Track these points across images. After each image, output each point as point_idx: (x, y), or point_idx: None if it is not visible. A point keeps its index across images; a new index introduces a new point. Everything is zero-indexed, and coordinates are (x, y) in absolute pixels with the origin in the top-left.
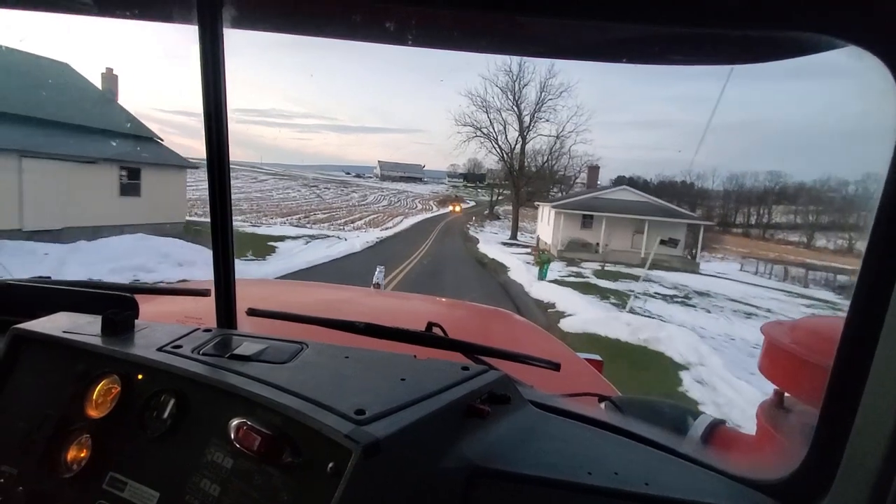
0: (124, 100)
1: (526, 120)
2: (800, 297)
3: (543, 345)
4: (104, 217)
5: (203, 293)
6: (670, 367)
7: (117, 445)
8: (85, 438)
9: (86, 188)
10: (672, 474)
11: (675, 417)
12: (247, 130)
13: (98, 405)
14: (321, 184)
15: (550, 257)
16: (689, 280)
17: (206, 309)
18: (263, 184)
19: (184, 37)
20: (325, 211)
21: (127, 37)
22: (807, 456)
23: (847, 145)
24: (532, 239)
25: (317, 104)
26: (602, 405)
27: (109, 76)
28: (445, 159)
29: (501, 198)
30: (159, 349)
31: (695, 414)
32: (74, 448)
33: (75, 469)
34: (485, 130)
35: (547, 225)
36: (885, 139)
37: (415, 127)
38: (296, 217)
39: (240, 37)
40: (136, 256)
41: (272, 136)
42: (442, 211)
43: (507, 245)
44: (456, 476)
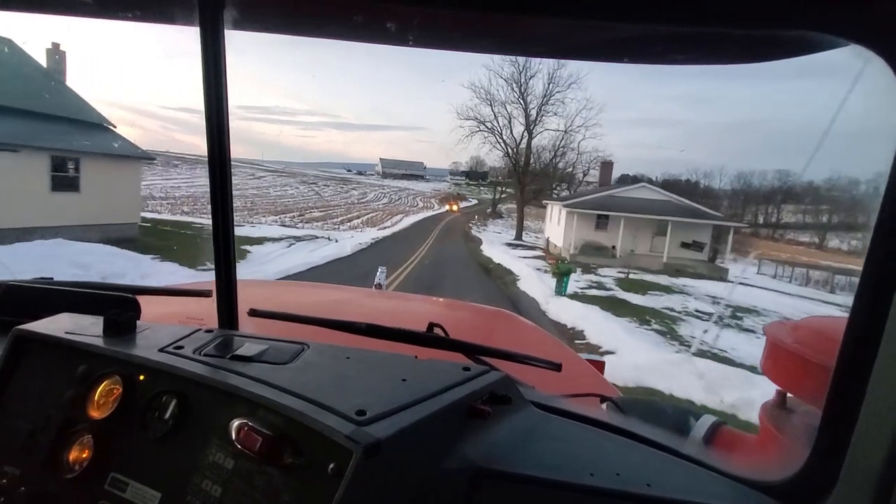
0: (81, 84)
1: (532, 113)
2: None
3: (544, 345)
4: (30, 217)
5: (204, 294)
6: None
7: (119, 446)
8: (87, 439)
9: (2, 180)
10: (674, 475)
11: (677, 418)
12: (249, 127)
13: (100, 406)
14: (320, 181)
15: (571, 267)
16: (722, 290)
17: (207, 310)
18: (261, 181)
19: (185, 34)
20: (322, 209)
21: (129, 33)
22: (809, 457)
23: (851, 145)
24: (537, 239)
25: (320, 102)
26: (604, 406)
27: (55, 52)
28: (448, 157)
29: (505, 196)
30: (161, 350)
31: (696, 415)
32: (76, 448)
33: (77, 469)
34: (489, 124)
35: (557, 226)
36: (888, 138)
37: (417, 125)
38: (290, 215)
39: (242, 34)
40: (42, 268)
41: (275, 133)
42: (444, 209)
43: (512, 247)
44: (457, 477)
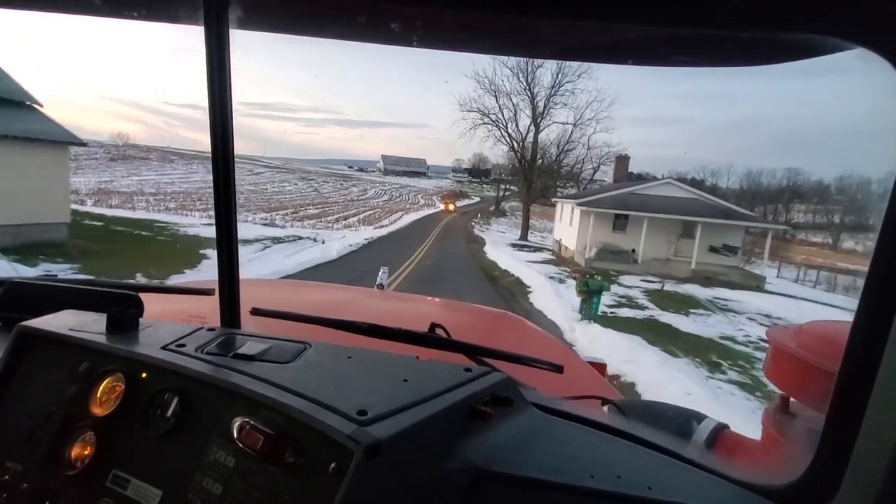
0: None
1: (539, 105)
2: None
3: (546, 347)
4: None
5: (207, 292)
6: None
7: (121, 443)
8: (89, 436)
9: None
10: (675, 479)
11: (679, 421)
12: (252, 124)
13: (102, 403)
14: (320, 177)
15: (604, 285)
16: (770, 305)
17: (210, 308)
18: (259, 177)
19: (188, 31)
20: (318, 206)
21: (132, 30)
22: (812, 461)
23: (856, 147)
24: (543, 239)
25: (323, 98)
26: (605, 408)
27: None
28: (450, 154)
29: (508, 193)
30: (163, 348)
31: (699, 418)
32: (78, 445)
33: (79, 466)
34: (493, 116)
35: (569, 226)
36: (893, 141)
37: (420, 122)
38: (282, 213)
39: (246, 32)
40: None
41: (277, 129)
42: (441, 207)
43: (517, 248)
44: (458, 478)
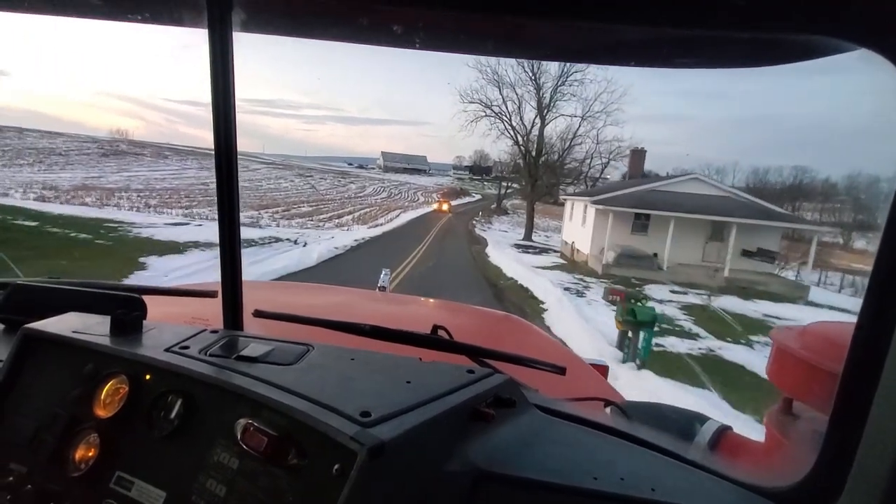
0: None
1: (546, 97)
2: None
3: (549, 349)
4: None
5: (210, 295)
6: None
7: (125, 445)
8: (93, 438)
9: None
10: (678, 480)
11: (682, 423)
12: (253, 121)
13: (106, 405)
14: (318, 174)
15: (656, 315)
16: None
17: (213, 310)
18: (255, 173)
19: (191, 29)
20: (313, 203)
21: (136, 28)
22: (815, 463)
23: (860, 148)
24: (548, 239)
25: (324, 95)
26: (608, 410)
27: None
28: (451, 151)
29: (510, 191)
30: (167, 350)
31: (702, 419)
32: (82, 447)
33: (83, 468)
34: (496, 108)
35: (581, 227)
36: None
37: (421, 119)
38: (272, 211)
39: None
40: None
41: (278, 126)
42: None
43: (522, 249)
44: (461, 480)
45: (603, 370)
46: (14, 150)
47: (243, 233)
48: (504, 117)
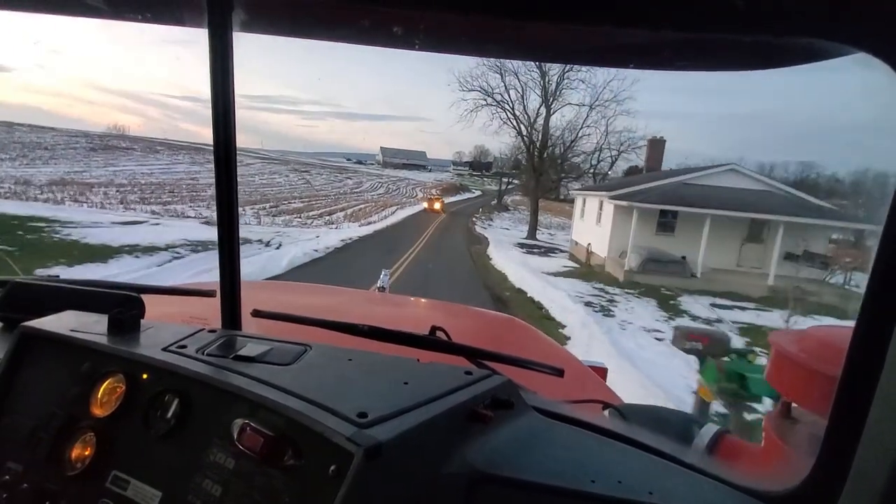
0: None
1: (552, 84)
2: None
3: (547, 351)
4: None
5: (209, 294)
6: None
7: (121, 444)
8: (89, 437)
9: None
10: (677, 483)
11: (680, 426)
12: (253, 116)
13: (103, 404)
14: (314, 169)
15: (773, 391)
16: None
17: (211, 310)
18: (248, 168)
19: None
20: (305, 199)
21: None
22: (814, 467)
23: (860, 153)
24: (552, 237)
25: (324, 91)
26: (606, 413)
27: None
28: (451, 147)
29: (511, 187)
30: (164, 349)
31: (700, 423)
32: (79, 446)
33: (79, 467)
34: (497, 96)
35: (596, 225)
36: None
37: (421, 116)
38: (258, 207)
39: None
40: None
41: (277, 122)
42: (445, 200)
43: (526, 250)
44: (458, 481)
45: (602, 372)
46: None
47: (207, 233)
48: (506, 106)
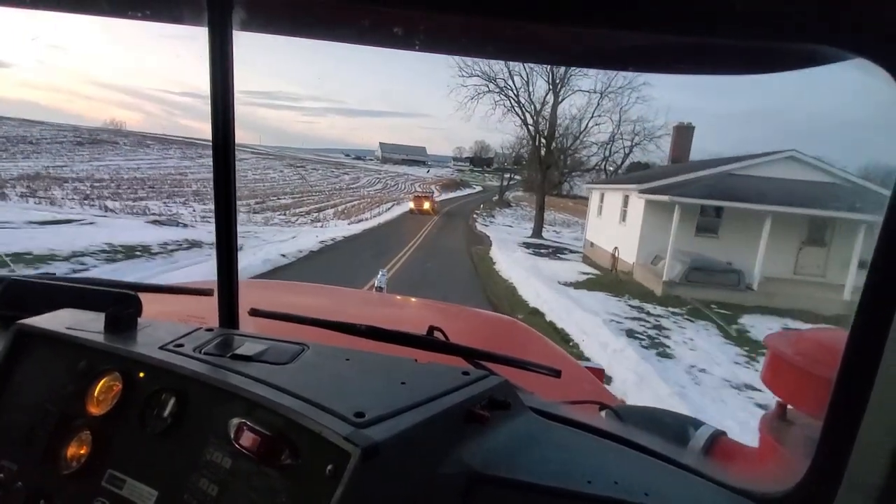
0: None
1: (560, 70)
2: None
3: (545, 352)
4: None
5: (206, 293)
6: None
7: (117, 443)
8: (85, 435)
9: None
10: (673, 485)
11: (676, 427)
12: (253, 112)
13: (99, 402)
14: (311, 164)
15: None
16: None
17: (208, 308)
18: (242, 163)
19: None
20: (296, 195)
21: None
22: (809, 469)
23: (859, 158)
24: (557, 235)
25: (325, 87)
26: (602, 414)
27: None
28: (451, 143)
29: (513, 182)
30: (161, 347)
31: (696, 424)
32: (75, 444)
33: (75, 466)
34: (501, 83)
35: (620, 225)
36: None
37: (422, 112)
38: (244, 203)
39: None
40: None
41: (277, 118)
42: (444, 196)
43: (533, 250)
44: (454, 482)
45: (598, 373)
46: None
47: (140, 235)
48: (510, 93)
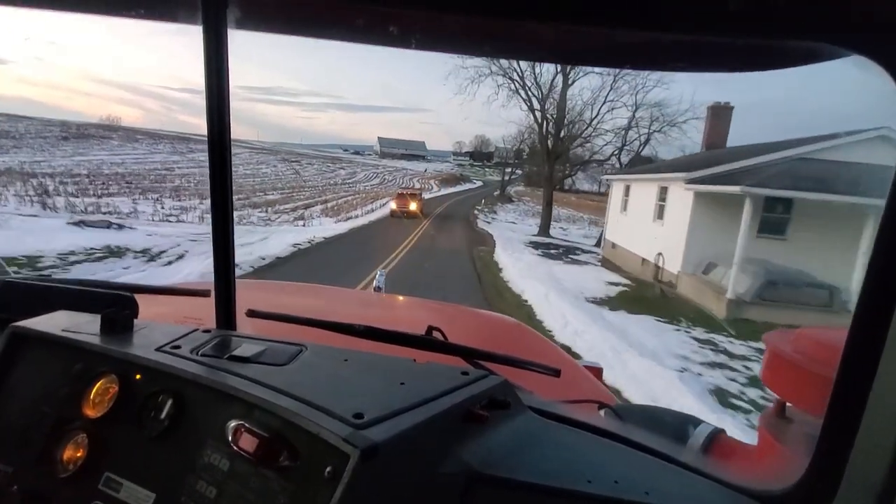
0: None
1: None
2: None
3: (543, 351)
4: None
5: (203, 294)
6: None
7: (114, 445)
8: (82, 438)
9: None
10: (672, 483)
11: (676, 426)
12: (251, 108)
13: (96, 404)
14: (306, 160)
15: None
16: None
17: (205, 310)
18: (234, 158)
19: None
20: (286, 191)
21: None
22: (809, 467)
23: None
24: (564, 232)
25: (324, 83)
26: (602, 413)
27: None
28: (451, 138)
29: (515, 177)
30: (158, 349)
31: (695, 422)
32: (71, 447)
33: (71, 469)
34: (504, 64)
35: (655, 223)
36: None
37: (422, 107)
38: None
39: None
40: None
41: (276, 114)
42: (444, 191)
43: (542, 251)
44: (454, 482)
45: (597, 372)
46: None
47: (58, 240)
48: (515, 75)
